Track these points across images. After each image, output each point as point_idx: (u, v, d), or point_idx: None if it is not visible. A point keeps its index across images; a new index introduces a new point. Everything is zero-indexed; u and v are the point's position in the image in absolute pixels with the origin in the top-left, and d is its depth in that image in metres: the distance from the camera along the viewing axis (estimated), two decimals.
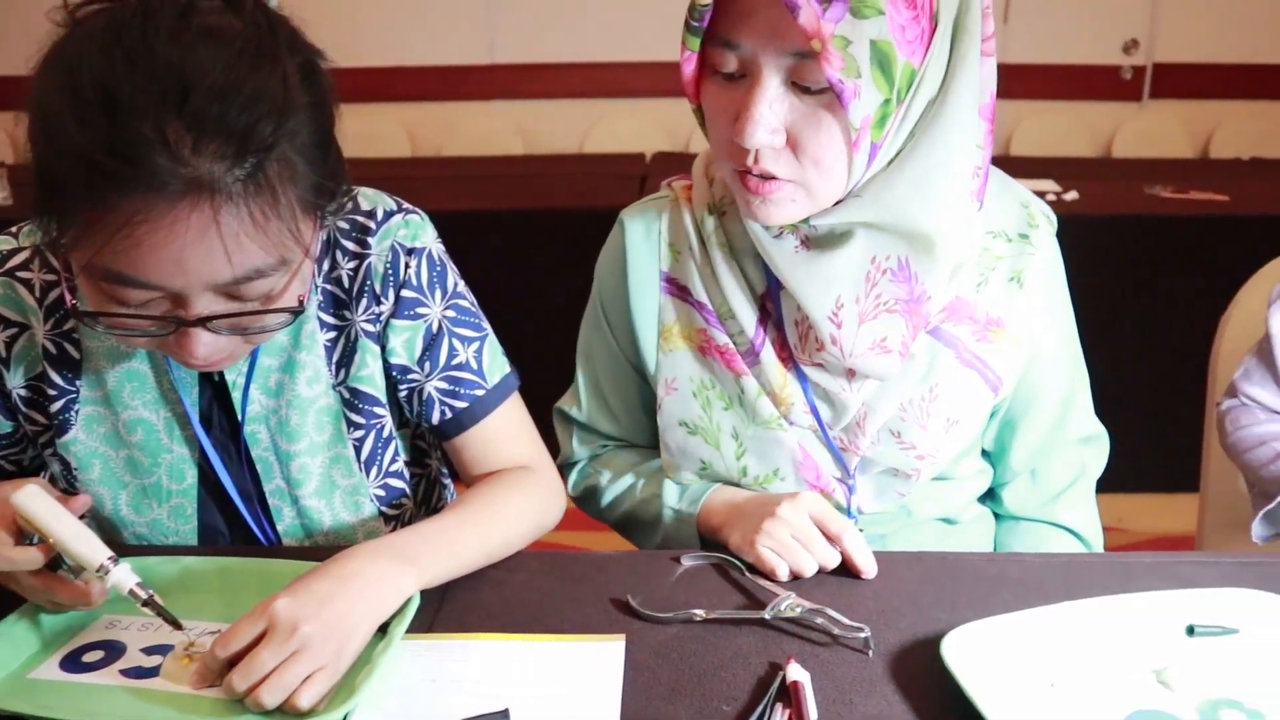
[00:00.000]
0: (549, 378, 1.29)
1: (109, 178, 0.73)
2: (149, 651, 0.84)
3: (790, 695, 0.76)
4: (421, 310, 1.01)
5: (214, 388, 1.01)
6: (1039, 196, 1.08)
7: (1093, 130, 4.36)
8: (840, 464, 1.05)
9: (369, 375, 1.02)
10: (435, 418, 1.04)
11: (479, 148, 4.23)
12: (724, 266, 1.03)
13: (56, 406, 1.00)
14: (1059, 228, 1.07)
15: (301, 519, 1.04)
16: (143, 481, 1.02)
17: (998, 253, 1.02)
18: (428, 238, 1.02)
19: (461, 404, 1.03)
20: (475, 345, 1.04)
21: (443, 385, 1.03)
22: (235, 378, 1.00)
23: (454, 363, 1.03)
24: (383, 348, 1.02)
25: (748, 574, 0.94)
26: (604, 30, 4.27)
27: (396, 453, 1.07)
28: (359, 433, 1.03)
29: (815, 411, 1.03)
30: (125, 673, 0.82)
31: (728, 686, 0.79)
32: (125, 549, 1.00)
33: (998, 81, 0.94)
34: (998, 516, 1.18)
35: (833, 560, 0.94)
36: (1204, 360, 1.55)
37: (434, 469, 1.18)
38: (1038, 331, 1.05)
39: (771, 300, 1.03)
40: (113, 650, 0.84)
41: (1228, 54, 4.30)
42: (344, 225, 0.99)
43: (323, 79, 0.82)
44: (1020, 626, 0.82)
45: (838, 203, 0.94)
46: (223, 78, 0.73)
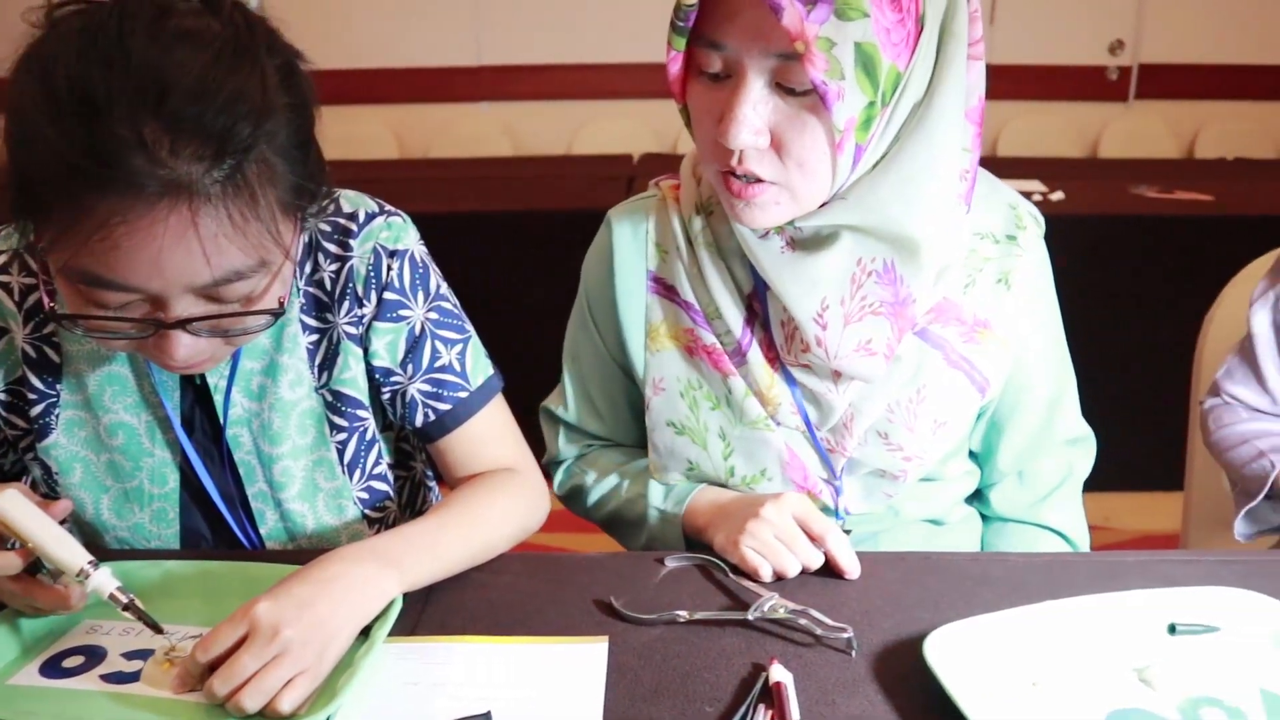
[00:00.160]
0: (539, 378, 1.28)
1: (86, 179, 0.72)
2: (130, 656, 0.84)
3: (773, 696, 0.76)
4: (404, 312, 1.01)
5: (196, 391, 1.00)
6: (1025, 197, 1.08)
7: (1079, 131, 4.38)
8: (827, 465, 1.05)
9: (351, 378, 1.01)
10: (418, 420, 1.04)
11: (467, 149, 4.22)
12: (711, 266, 1.03)
13: (37, 411, 0.99)
14: (1046, 229, 1.07)
15: (284, 522, 1.03)
16: (124, 485, 1.01)
17: (985, 254, 1.02)
18: (410, 240, 1.01)
19: (444, 406, 1.03)
20: (458, 347, 1.04)
21: (425, 387, 1.02)
22: (217, 381, 0.99)
23: (437, 365, 1.02)
24: (365, 350, 1.01)
25: (731, 575, 0.94)
26: (592, 32, 4.27)
27: (380, 455, 1.06)
28: (342, 435, 1.03)
29: (803, 412, 1.03)
30: (106, 678, 0.81)
31: (710, 688, 0.79)
32: (107, 553, 0.99)
33: (984, 82, 0.94)
34: (985, 518, 1.18)
35: (816, 561, 0.94)
36: (1189, 359, 1.56)
37: (419, 471, 1.18)
38: (1025, 333, 1.05)
39: (759, 300, 1.03)
40: (93, 655, 0.84)
41: (1213, 55, 4.32)
42: (325, 227, 0.99)
43: (302, 80, 0.82)
44: (1002, 626, 0.82)
45: (823, 205, 0.94)
46: (200, 79, 0.73)
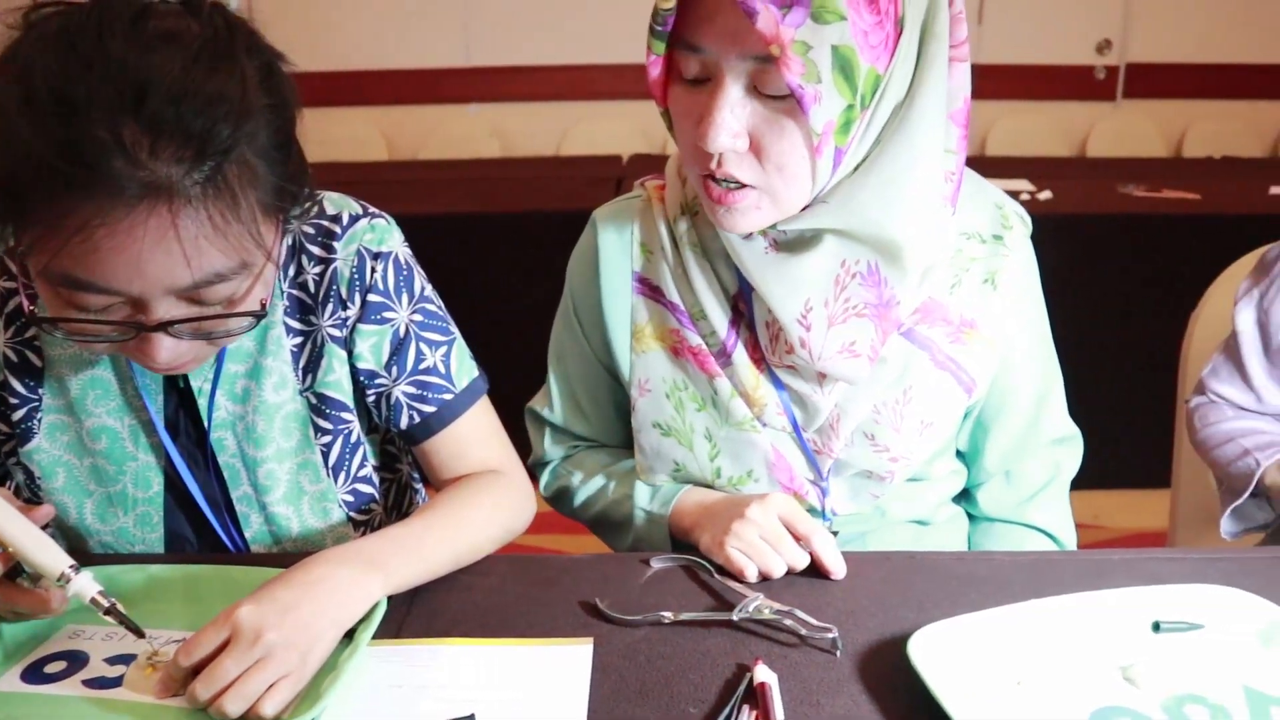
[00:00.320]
0: (529, 379, 1.28)
1: (65, 182, 0.72)
2: (112, 661, 0.83)
3: (757, 696, 0.76)
4: (388, 315, 1.00)
5: (179, 394, 1.00)
6: (1013, 196, 1.08)
7: (1067, 130, 4.39)
8: (813, 466, 1.05)
9: (336, 380, 1.01)
10: (403, 422, 1.03)
11: (456, 151, 4.22)
12: (696, 267, 1.03)
13: (18, 415, 0.99)
14: (1033, 228, 1.07)
15: (269, 525, 1.03)
16: (108, 490, 1.01)
17: (971, 254, 1.02)
18: (394, 242, 1.01)
19: (429, 408, 1.03)
20: (443, 349, 1.04)
21: (410, 390, 1.02)
22: (201, 384, 0.99)
23: (421, 367, 1.02)
24: (350, 353, 1.01)
25: (716, 576, 0.94)
26: (581, 33, 4.27)
27: (365, 458, 1.06)
28: (326, 438, 1.02)
29: (789, 413, 1.03)
30: (88, 683, 0.81)
31: (695, 688, 0.79)
32: (91, 558, 0.99)
33: (972, 82, 0.94)
34: (972, 518, 1.18)
35: (801, 561, 0.94)
36: (1177, 356, 1.56)
37: (404, 474, 1.18)
38: (1011, 333, 1.05)
39: (744, 301, 1.03)
40: (75, 661, 0.83)
41: (1200, 54, 4.34)
42: (309, 230, 0.99)
43: (283, 81, 0.82)
44: (987, 625, 0.82)
45: (805, 208, 0.94)
46: (180, 80, 0.73)
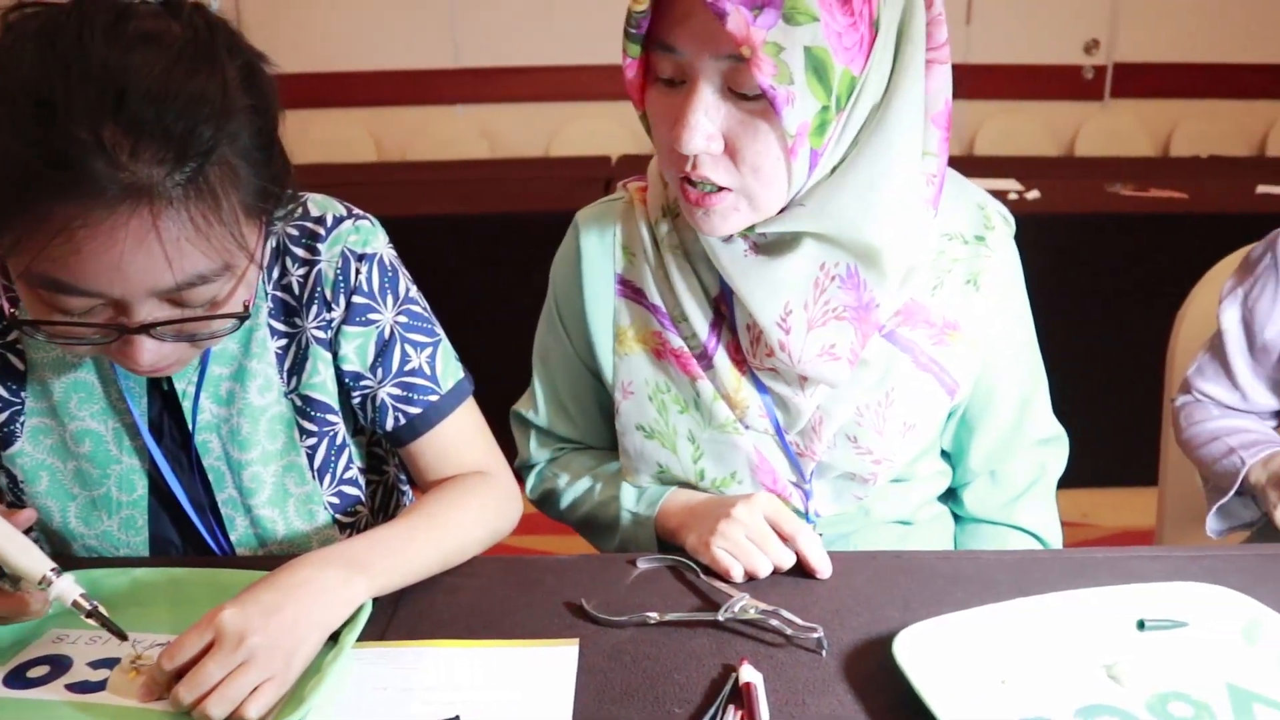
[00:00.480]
0: (519, 380, 1.28)
1: (45, 183, 0.72)
2: (95, 665, 0.83)
3: (743, 696, 0.76)
4: (373, 316, 1.00)
5: (164, 397, 0.99)
6: (1001, 196, 1.08)
7: (1055, 130, 4.41)
8: (796, 469, 1.05)
9: (321, 382, 1.01)
10: (389, 424, 1.03)
11: (444, 152, 4.21)
12: (677, 269, 1.03)
13: (1, 419, 0.98)
14: (1018, 228, 1.06)
15: (255, 528, 1.02)
16: (92, 493, 1.00)
17: (954, 255, 1.02)
18: (379, 243, 1.01)
19: (415, 410, 1.03)
20: (428, 351, 1.03)
21: (396, 391, 1.02)
22: (185, 387, 0.98)
23: (407, 368, 1.02)
24: (335, 354, 1.01)
25: (703, 576, 0.94)
26: (569, 33, 4.27)
27: (350, 460, 1.06)
28: (312, 440, 1.02)
29: (771, 416, 1.03)
30: (71, 687, 0.80)
31: (680, 689, 0.79)
32: (75, 561, 0.99)
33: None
34: (958, 518, 1.19)
35: (787, 560, 0.94)
36: (1165, 355, 1.56)
37: (391, 476, 1.17)
38: (994, 334, 1.04)
39: (725, 304, 1.03)
40: (58, 665, 0.83)
41: (1187, 54, 4.36)
42: (293, 231, 0.98)
43: (264, 82, 0.81)
44: (972, 624, 0.82)
45: (784, 211, 0.93)
46: (160, 81, 0.72)
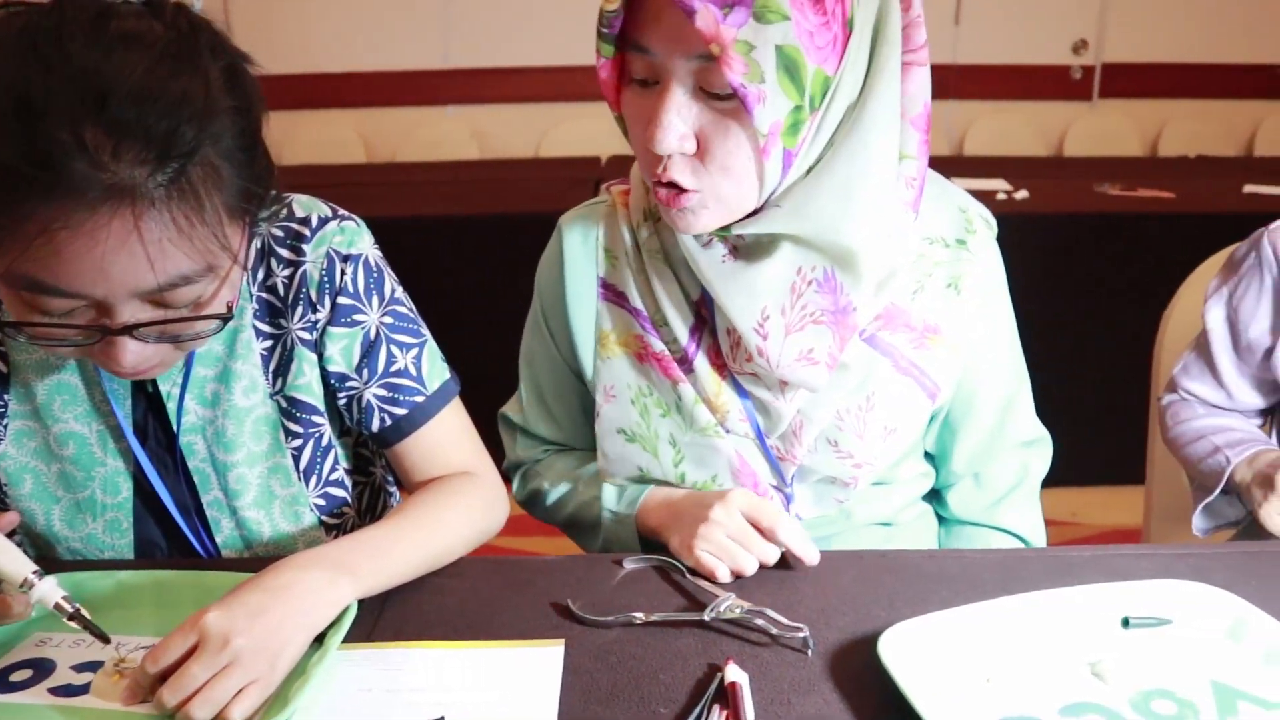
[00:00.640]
0: (509, 381, 1.28)
1: (26, 184, 0.71)
2: (79, 669, 0.83)
3: (728, 696, 0.76)
4: (358, 317, 1.00)
5: (148, 399, 0.99)
6: (990, 196, 1.08)
7: (1044, 130, 4.42)
8: (777, 472, 1.05)
9: (306, 384, 1.00)
10: (375, 425, 1.03)
11: (434, 153, 4.21)
12: (658, 273, 1.03)
13: None
14: (1007, 228, 1.06)
15: (240, 530, 1.02)
16: (76, 496, 1.00)
17: (935, 259, 1.01)
18: (364, 244, 1.01)
19: (401, 411, 1.02)
20: (414, 351, 1.03)
21: (381, 392, 1.02)
22: (170, 388, 0.98)
23: (392, 369, 1.02)
24: (320, 355, 1.00)
25: (688, 575, 0.94)
26: (559, 34, 4.27)
27: (336, 461, 1.06)
28: (297, 442, 1.02)
29: (752, 420, 1.03)
30: (54, 691, 0.80)
31: (666, 689, 0.79)
32: (59, 564, 0.98)
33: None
34: (943, 520, 1.19)
35: (772, 555, 0.94)
36: (1153, 354, 1.57)
37: (378, 477, 1.17)
38: (976, 338, 1.04)
39: (706, 308, 1.02)
40: (41, 669, 0.83)
41: (1175, 54, 4.38)
42: (278, 232, 0.98)
43: (248, 82, 0.81)
44: (957, 623, 0.82)
45: (760, 212, 0.93)
46: (142, 82, 0.72)
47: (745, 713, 0.74)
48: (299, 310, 0.99)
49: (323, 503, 1.05)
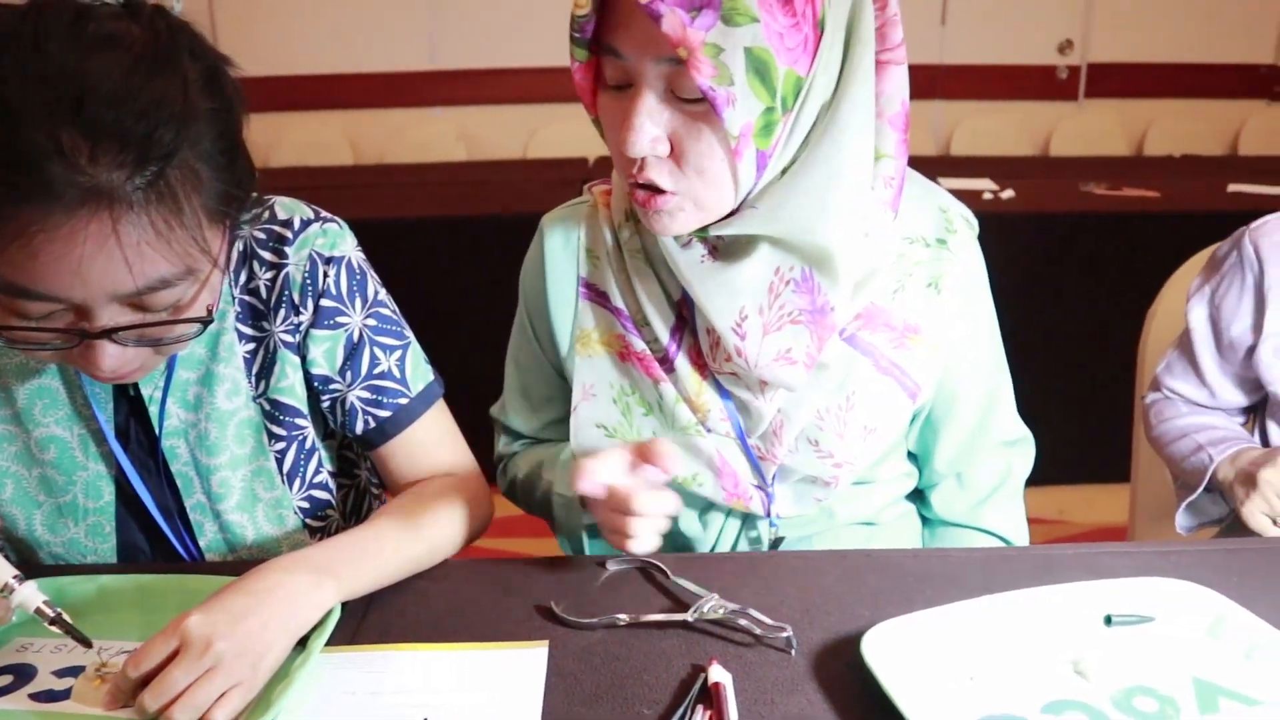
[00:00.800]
0: (497, 382, 1.28)
1: (2, 187, 0.71)
2: (60, 674, 0.82)
3: (712, 697, 0.76)
4: (341, 319, 1.00)
5: (130, 402, 0.99)
6: (976, 195, 1.08)
7: (1030, 129, 4.43)
8: (758, 472, 1.05)
9: (289, 386, 1.00)
10: (359, 427, 1.03)
11: (422, 154, 4.20)
12: (639, 273, 1.03)
13: None
14: (993, 228, 1.06)
15: (224, 534, 1.02)
16: (57, 500, 0.99)
17: (915, 258, 1.01)
18: (347, 246, 1.00)
19: (385, 413, 1.02)
20: (397, 354, 1.03)
21: (365, 394, 1.02)
22: (152, 392, 0.98)
23: (376, 371, 1.02)
24: (303, 358, 1.00)
25: (672, 577, 0.94)
26: (546, 35, 4.24)
27: (320, 464, 1.05)
28: (281, 445, 1.01)
29: (733, 419, 1.03)
30: (35, 696, 0.80)
31: (649, 689, 0.79)
32: (42, 569, 0.98)
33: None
34: (926, 520, 1.19)
35: (662, 505, 0.89)
36: (1137, 353, 1.58)
37: (363, 479, 1.17)
38: (957, 338, 1.04)
39: (687, 308, 1.02)
40: (22, 674, 0.82)
41: (1161, 54, 4.40)
42: (260, 235, 0.98)
43: (228, 85, 0.81)
44: (940, 621, 0.83)
45: (737, 213, 0.93)
46: (120, 84, 0.72)
47: (729, 713, 0.74)
48: (281, 313, 0.98)
49: (307, 506, 1.04)
